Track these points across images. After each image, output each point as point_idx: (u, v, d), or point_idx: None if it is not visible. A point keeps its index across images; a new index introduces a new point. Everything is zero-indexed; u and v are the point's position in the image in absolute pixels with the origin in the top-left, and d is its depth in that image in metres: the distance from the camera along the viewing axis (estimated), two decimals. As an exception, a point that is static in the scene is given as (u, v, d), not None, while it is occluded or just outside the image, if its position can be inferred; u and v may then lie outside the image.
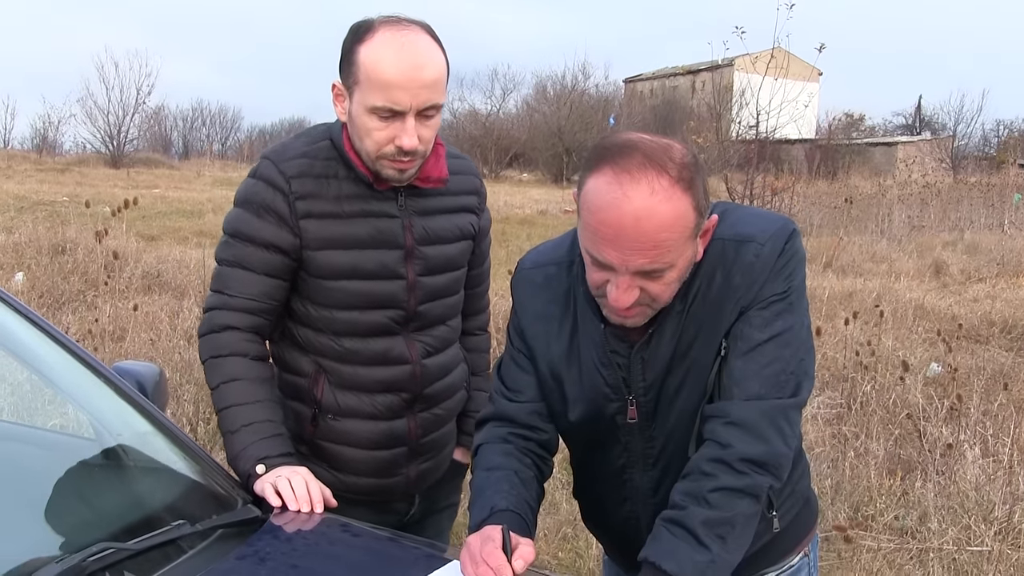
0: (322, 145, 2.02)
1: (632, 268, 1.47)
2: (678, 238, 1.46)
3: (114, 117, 37.45)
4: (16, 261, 9.62)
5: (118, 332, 7.04)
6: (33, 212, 14.28)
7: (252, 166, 2.10)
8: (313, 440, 2.09)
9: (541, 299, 1.74)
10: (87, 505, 1.82)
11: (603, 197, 1.45)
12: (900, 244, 15.05)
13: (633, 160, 1.44)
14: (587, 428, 1.73)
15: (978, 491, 4.51)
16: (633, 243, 1.45)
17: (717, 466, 1.52)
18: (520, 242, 14.78)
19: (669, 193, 1.43)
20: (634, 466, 1.72)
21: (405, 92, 1.85)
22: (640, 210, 1.42)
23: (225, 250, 2.04)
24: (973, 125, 41.40)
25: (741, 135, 16.31)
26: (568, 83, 46.12)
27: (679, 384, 1.62)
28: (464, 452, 2.32)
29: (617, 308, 1.53)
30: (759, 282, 1.56)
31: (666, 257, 1.47)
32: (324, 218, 1.98)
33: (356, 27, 1.93)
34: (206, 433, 5.12)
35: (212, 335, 2.00)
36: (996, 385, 6.30)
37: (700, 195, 1.48)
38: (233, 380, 1.96)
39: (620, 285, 1.50)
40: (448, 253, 2.11)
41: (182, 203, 17.83)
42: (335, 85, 1.97)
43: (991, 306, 9.32)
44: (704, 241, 1.56)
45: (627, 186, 1.43)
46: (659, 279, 1.50)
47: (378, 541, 1.85)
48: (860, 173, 28.20)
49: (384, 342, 2.07)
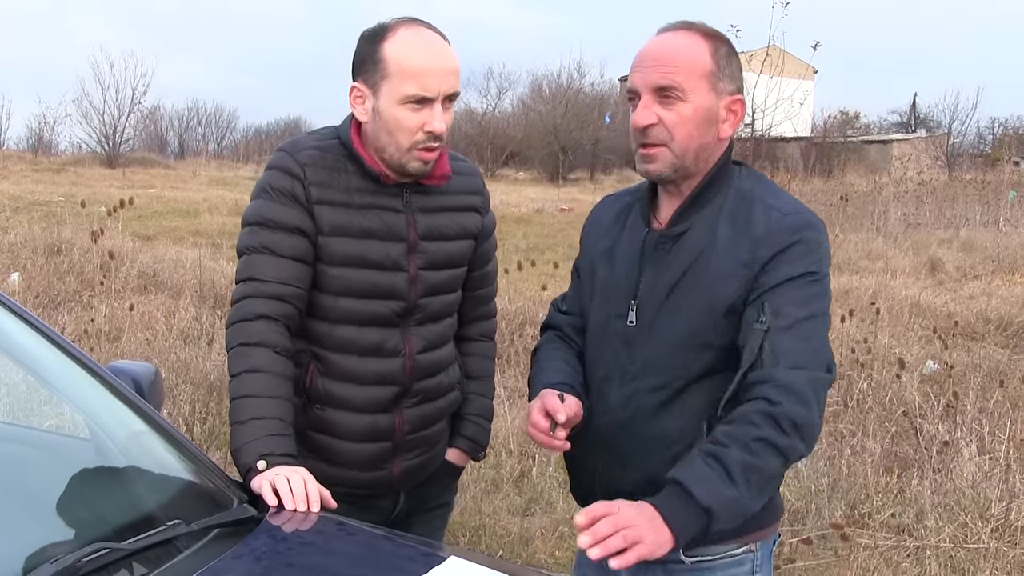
0: (331, 143, 2.11)
1: (649, 83, 1.78)
2: (689, 66, 1.77)
3: (110, 117, 37.25)
4: (12, 261, 9.60)
5: (114, 332, 7.03)
6: (29, 212, 14.24)
7: (266, 160, 2.16)
8: (301, 430, 2.07)
9: (601, 210, 2.07)
10: (83, 505, 1.81)
11: (646, 42, 1.84)
12: (896, 241, 15.06)
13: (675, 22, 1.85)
14: (595, 330, 1.95)
15: (974, 488, 4.52)
16: (652, 60, 1.79)
17: (766, 419, 1.65)
18: (516, 240, 14.79)
19: (689, 35, 1.80)
20: (612, 379, 1.88)
21: (435, 79, 1.99)
22: (664, 39, 1.82)
23: (251, 238, 2.06)
24: (968, 123, 41.41)
25: (736, 133, 16.31)
26: (564, 82, 46.03)
27: (675, 307, 1.81)
28: (458, 454, 2.33)
29: (636, 124, 1.79)
30: (782, 247, 1.75)
31: (675, 76, 1.76)
32: (335, 206, 2.05)
33: (373, 31, 2.05)
34: (202, 433, 5.12)
35: (243, 323, 2.00)
36: (992, 382, 6.30)
37: (721, 56, 1.80)
38: (255, 371, 1.95)
39: (641, 105, 1.79)
40: (449, 250, 2.17)
41: (178, 203, 17.79)
42: (355, 87, 2.06)
43: (987, 303, 9.34)
44: (730, 121, 1.83)
45: (662, 31, 1.85)
46: (671, 107, 1.77)
47: (375, 539, 1.85)
48: (855, 171, 28.18)
49: (380, 333, 2.10)
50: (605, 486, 1.88)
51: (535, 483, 4.78)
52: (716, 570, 1.88)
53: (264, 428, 1.90)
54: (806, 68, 14.96)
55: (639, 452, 1.85)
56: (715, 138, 1.84)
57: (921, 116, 44.54)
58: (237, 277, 2.07)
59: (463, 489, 4.66)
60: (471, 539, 4.19)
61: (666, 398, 1.83)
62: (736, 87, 1.83)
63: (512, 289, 8.83)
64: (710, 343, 1.79)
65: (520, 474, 4.91)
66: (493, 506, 4.53)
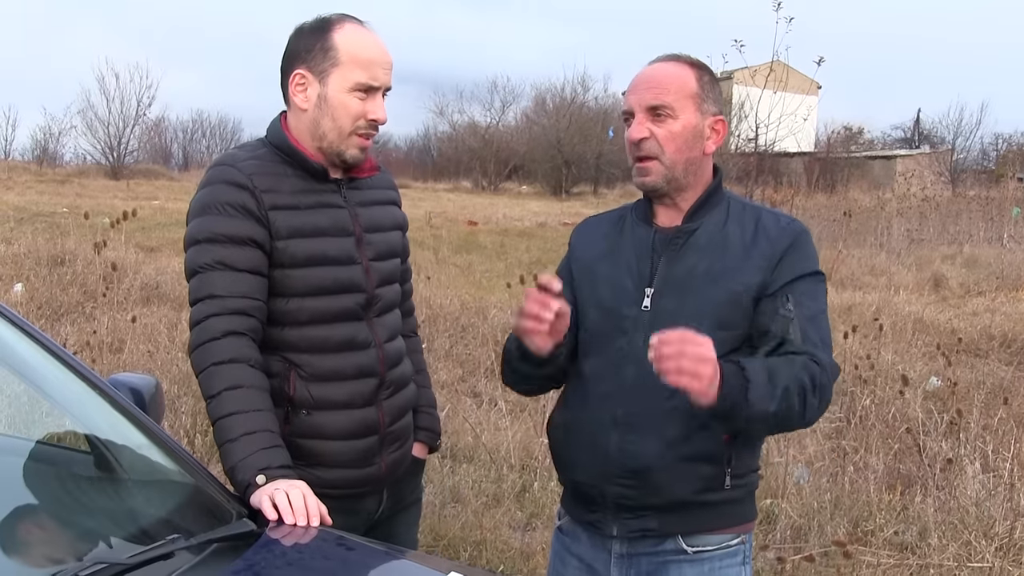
0: (262, 151, 2.15)
1: (643, 103, 1.99)
2: (677, 88, 1.99)
3: (114, 128, 37.46)
4: (15, 272, 9.62)
5: (116, 344, 7.03)
6: (33, 223, 14.28)
7: (202, 178, 2.14)
8: (289, 439, 2.06)
9: (589, 225, 2.24)
10: (82, 518, 1.81)
11: (640, 70, 2.06)
12: (899, 257, 15.05)
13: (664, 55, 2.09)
14: (604, 320, 2.05)
15: (978, 507, 4.49)
16: (644, 83, 2.01)
17: (807, 371, 1.88)
18: (519, 254, 14.81)
19: (677, 64, 2.04)
20: (628, 363, 1.99)
21: (382, 70, 2.11)
22: (656, 67, 2.05)
23: (202, 255, 2.04)
24: (972, 139, 41.26)
25: (740, 148, 16.34)
26: (567, 95, 46.19)
27: (693, 292, 1.97)
28: (420, 446, 2.37)
29: (631, 137, 2.00)
30: (791, 246, 1.98)
31: (665, 97, 1.98)
32: (287, 209, 2.08)
33: (317, 23, 2.12)
34: (203, 446, 5.10)
35: (212, 342, 1.98)
36: (996, 399, 6.28)
37: (705, 82, 2.02)
38: (236, 387, 1.94)
39: (636, 122, 2.01)
40: (389, 240, 2.26)
41: (181, 215, 17.67)
42: (299, 74, 2.11)
43: (991, 320, 9.32)
44: (713, 138, 2.04)
45: (653, 61, 2.08)
46: (663, 123, 1.98)
47: (375, 554, 1.84)
48: (859, 186, 28.22)
49: (350, 327, 2.13)
50: (615, 460, 1.99)
51: (536, 497, 4.76)
52: (715, 559, 2.02)
53: (257, 442, 1.90)
54: (810, 83, 15.01)
55: (658, 424, 1.96)
56: (701, 153, 2.04)
57: (925, 132, 44.65)
58: (193, 297, 2.05)
59: (464, 503, 4.65)
60: (472, 554, 4.17)
61: None
62: (718, 109, 2.06)
63: (515, 303, 8.82)
64: (726, 324, 1.95)
65: (521, 488, 4.89)
66: (494, 520, 4.51)
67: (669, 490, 1.96)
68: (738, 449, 1.98)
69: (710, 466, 1.96)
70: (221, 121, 56.03)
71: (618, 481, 1.98)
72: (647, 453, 1.95)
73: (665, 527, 1.99)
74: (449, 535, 4.25)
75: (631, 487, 1.97)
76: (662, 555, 2.01)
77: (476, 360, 7.32)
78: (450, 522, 4.40)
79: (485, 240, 16.50)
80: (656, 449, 1.95)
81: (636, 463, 1.96)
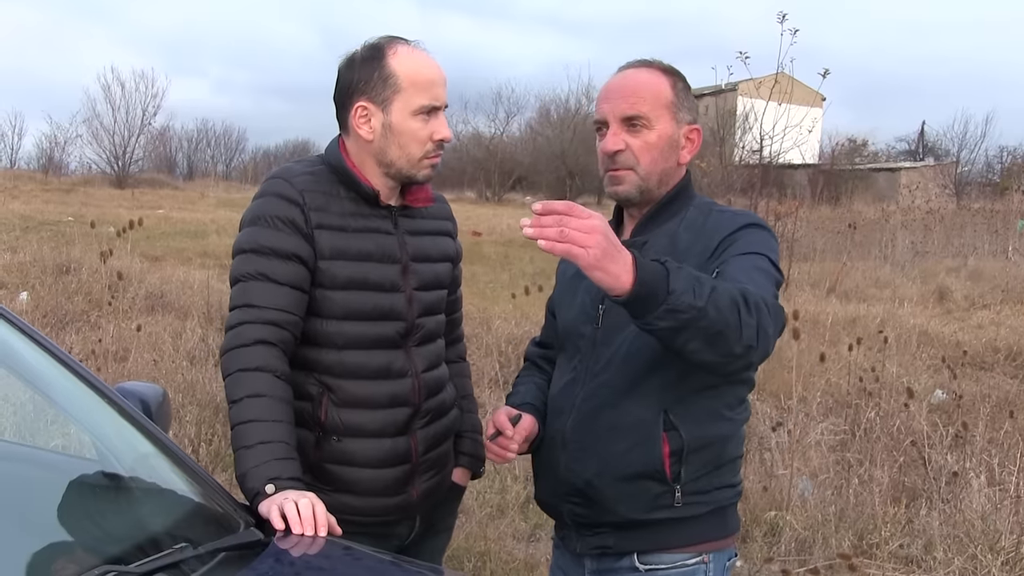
0: (320, 168, 2.15)
1: (618, 113, 1.96)
2: (653, 97, 1.96)
3: (119, 138, 37.62)
4: (21, 280, 9.65)
5: (121, 352, 7.03)
6: (38, 232, 14.32)
7: (257, 189, 2.15)
8: (319, 464, 2.08)
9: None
10: (89, 527, 1.81)
11: (610, 78, 2.04)
12: (903, 270, 15.04)
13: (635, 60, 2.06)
14: (567, 340, 2.09)
15: (984, 520, 4.47)
16: (618, 92, 1.98)
17: (738, 290, 1.67)
18: (523, 265, 14.81)
19: (650, 71, 2.01)
20: (579, 381, 2.01)
21: (442, 89, 2.12)
22: (628, 75, 2.01)
23: (246, 265, 2.05)
24: (976, 151, 41.19)
25: (744, 160, 16.34)
26: (572, 106, 46.22)
27: None
28: (461, 472, 2.35)
29: (606, 149, 1.97)
30: (730, 235, 1.90)
31: (641, 107, 1.95)
32: (333, 230, 2.08)
33: (370, 50, 2.10)
34: (208, 454, 5.11)
35: (242, 348, 1.99)
36: (1002, 412, 6.26)
37: (680, 90, 2.00)
38: (258, 395, 1.94)
39: (610, 133, 1.97)
40: (436, 271, 2.24)
41: (186, 224, 17.88)
42: (361, 107, 2.09)
43: (995, 333, 9.30)
44: (688, 148, 2.01)
45: (624, 68, 2.05)
46: (638, 134, 1.96)
47: (381, 564, 1.84)
48: (863, 198, 28.22)
49: (387, 355, 2.12)
50: (563, 479, 2.00)
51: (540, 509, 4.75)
52: None
53: (271, 452, 1.90)
54: (815, 95, 15.00)
55: (598, 442, 1.96)
56: (676, 163, 2.02)
57: (929, 144, 44.59)
58: (232, 304, 2.06)
59: (468, 514, 4.64)
60: (476, 565, 4.16)
61: (626, 388, 1.94)
62: (693, 117, 2.03)
63: (519, 314, 8.83)
64: None
65: (525, 499, 4.88)
66: (498, 531, 4.50)
67: (614, 509, 1.95)
68: (691, 465, 1.91)
69: (655, 483, 1.92)
70: (226, 130, 56.18)
71: (567, 499, 2.02)
72: (587, 471, 1.96)
73: (621, 545, 1.98)
74: (453, 546, 4.23)
75: (579, 504, 2.00)
76: (620, 572, 2.00)
77: (480, 371, 7.31)
78: (454, 533, 4.39)
79: (489, 251, 16.50)
80: (595, 467, 1.95)
81: (580, 481, 1.98)
